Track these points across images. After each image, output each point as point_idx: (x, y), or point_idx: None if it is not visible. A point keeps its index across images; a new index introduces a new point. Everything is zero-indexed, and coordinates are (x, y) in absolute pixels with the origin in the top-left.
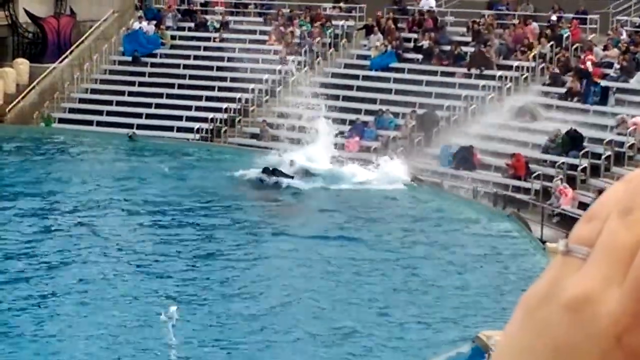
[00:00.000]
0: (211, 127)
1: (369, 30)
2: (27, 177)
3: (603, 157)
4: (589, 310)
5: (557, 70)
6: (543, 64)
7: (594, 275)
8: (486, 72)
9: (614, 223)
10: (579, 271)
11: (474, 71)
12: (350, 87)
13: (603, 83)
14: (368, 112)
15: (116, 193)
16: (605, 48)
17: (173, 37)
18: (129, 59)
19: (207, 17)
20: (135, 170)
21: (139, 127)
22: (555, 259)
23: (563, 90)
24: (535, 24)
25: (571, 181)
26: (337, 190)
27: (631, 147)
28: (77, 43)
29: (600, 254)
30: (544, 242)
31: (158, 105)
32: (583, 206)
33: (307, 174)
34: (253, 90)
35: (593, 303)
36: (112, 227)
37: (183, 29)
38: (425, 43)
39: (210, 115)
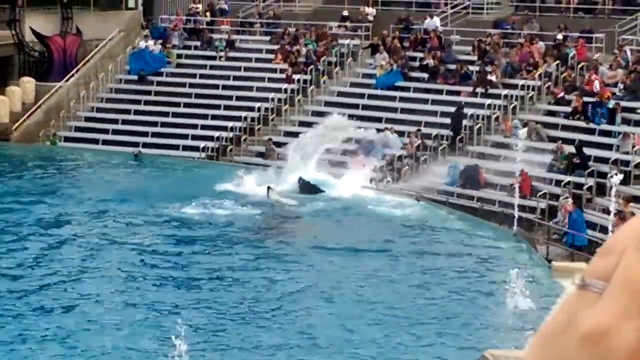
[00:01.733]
0: (217, 146)
1: (374, 49)
2: (32, 195)
3: (609, 175)
4: (605, 343)
5: (562, 94)
6: (549, 83)
7: (610, 309)
8: (491, 91)
9: (630, 258)
10: (595, 305)
11: (479, 90)
12: (355, 106)
13: (610, 104)
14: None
15: (121, 211)
16: (611, 67)
17: (179, 56)
18: (135, 77)
19: (214, 35)
20: (141, 189)
21: (145, 145)
22: (571, 291)
23: (568, 109)
24: (541, 43)
25: (577, 200)
26: (343, 209)
27: (637, 166)
28: (83, 62)
29: (616, 288)
30: (549, 261)
31: (164, 124)
32: (590, 226)
33: (313, 190)
34: (259, 109)
35: (609, 336)
36: (115, 246)
37: (189, 47)
38: (430, 62)
39: (216, 133)
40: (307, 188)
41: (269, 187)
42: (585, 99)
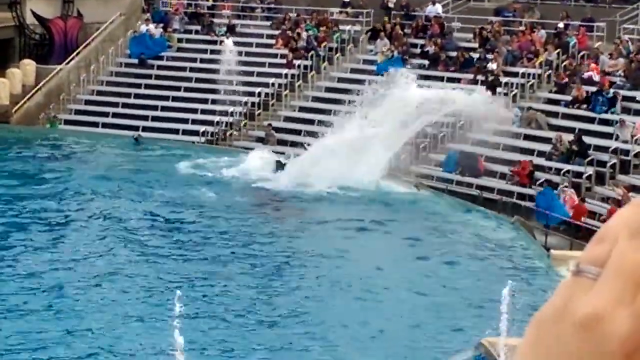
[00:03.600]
0: (217, 130)
1: (374, 34)
2: (30, 177)
3: (608, 164)
4: (599, 329)
5: (566, 79)
6: (549, 71)
7: (604, 295)
8: (492, 78)
9: (623, 244)
10: (590, 291)
11: (480, 77)
12: (356, 92)
13: (610, 93)
14: None
15: (120, 194)
16: (611, 56)
17: (180, 40)
18: (136, 61)
19: (215, 20)
20: (140, 172)
21: (145, 129)
22: (566, 278)
23: (569, 97)
24: (542, 31)
25: (576, 189)
26: (338, 193)
27: (637, 155)
28: (83, 45)
29: (610, 274)
30: (548, 250)
31: (164, 108)
32: (591, 215)
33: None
34: (259, 94)
35: (603, 322)
36: (114, 229)
37: (190, 31)
38: (431, 49)
39: (216, 118)
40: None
41: (278, 161)
42: (585, 87)
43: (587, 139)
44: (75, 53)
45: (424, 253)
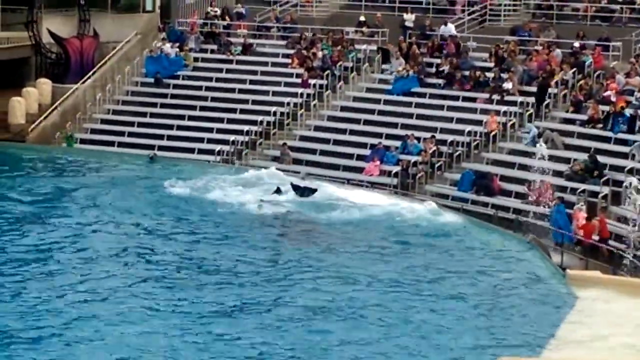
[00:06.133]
0: (232, 150)
1: (385, 54)
2: (45, 196)
3: (624, 184)
4: None
5: (580, 98)
6: (565, 91)
7: None
8: (507, 98)
9: None
10: None
11: (495, 97)
12: (371, 111)
13: (627, 111)
14: (389, 137)
15: (132, 213)
16: (628, 75)
17: (196, 59)
18: (151, 80)
19: (231, 39)
20: (155, 192)
21: (160, 148)
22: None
23: (585, 117)
24: (558, 51)
25: (592, 208)
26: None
27: None
28: (99, 64)
29: None
30: (564, 269)
31: (179, 127)
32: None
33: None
34: (275, 113)
35: None
36: (127, 248)
37: (206, 51)
38: (446, 68)
39: (232, 137)
40: (300, 191)
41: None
42: (601, 107)
43: (602, 159)
44: (91, 72)
45: (437, 271)
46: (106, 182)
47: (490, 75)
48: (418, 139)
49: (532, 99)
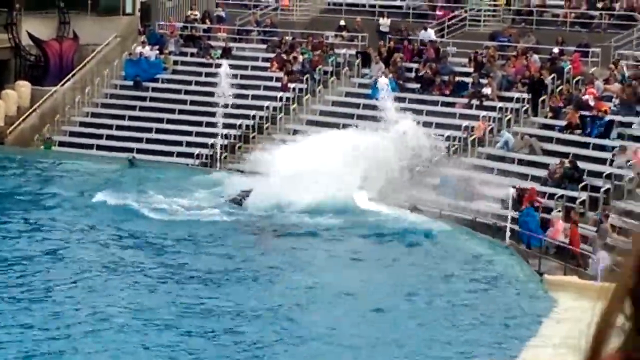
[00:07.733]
0: (211, 153)
1: (365, 58)
2: (23, 198)
3: (602, 190)
4: None
5: (560, 104)
6: (544, 96)
7: None
8: (486, 103)
9: None
10: None
11: (474, 102)
12: (351, 116)
13: (606, 118)
14: None
15: (112, 218)
16: (607, 82)
17: (175, 63)
18: (131, 83)
19: (210, 42)
20: (132, 195)
21: (139, 151)
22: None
23: (563, 122)
24: (536, 57)
25: (569, 214)
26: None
27: (631, 180)
28: (79, 67)
29: None
30: (541, 274)
31: (158, 130)
32: (584, 239)
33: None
34: (254, 116)
35: None
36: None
37: (185, 54)
38: (425, 73)
39: (211, 140)
40: (238, 201)
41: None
42: (581, 112)
43: (580, 164)
44: (70, 75)
45: (415, 276)
46: (83, 185)
47: (469, 80)
48: None
49: (511, 104)
